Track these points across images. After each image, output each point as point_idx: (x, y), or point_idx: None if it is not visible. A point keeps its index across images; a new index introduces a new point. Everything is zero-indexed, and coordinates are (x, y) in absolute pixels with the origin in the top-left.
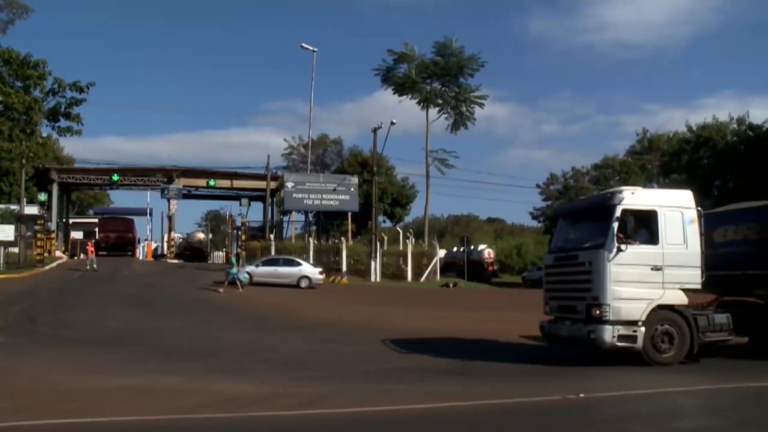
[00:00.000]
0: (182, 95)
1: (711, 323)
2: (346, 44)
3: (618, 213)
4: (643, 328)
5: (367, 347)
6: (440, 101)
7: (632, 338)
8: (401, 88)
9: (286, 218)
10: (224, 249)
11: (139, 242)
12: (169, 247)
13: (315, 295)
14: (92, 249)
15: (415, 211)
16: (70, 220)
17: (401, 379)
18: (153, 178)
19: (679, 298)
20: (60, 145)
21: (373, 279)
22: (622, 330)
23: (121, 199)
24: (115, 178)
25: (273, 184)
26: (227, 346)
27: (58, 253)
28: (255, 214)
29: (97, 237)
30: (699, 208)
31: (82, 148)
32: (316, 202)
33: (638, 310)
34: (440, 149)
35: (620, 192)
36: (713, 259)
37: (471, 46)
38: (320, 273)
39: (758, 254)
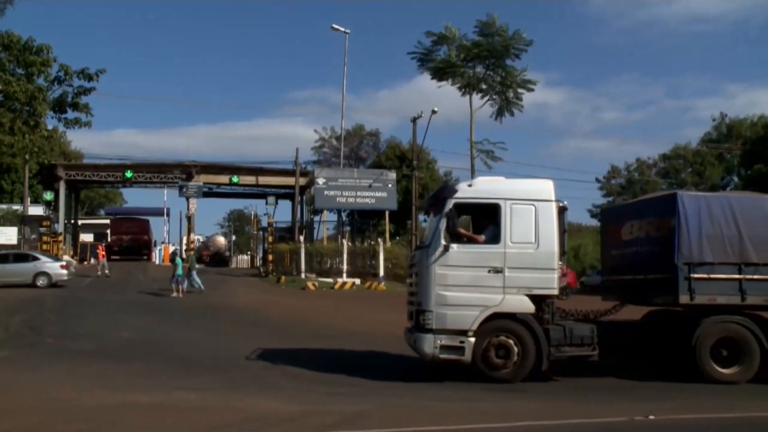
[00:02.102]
0: (202, 83)
1: (568, 335)
2: (381, 25)
3: (448, 208)
4: (472, 339)
5: (404, 360)
6: (484, 86)
7: (459, 350)
8: (441, 73)
9: (317, 218)
10: (249, 252)
11: (155, 245)
12: (188, 250)
13: (346, 301)
14: (103, 253)
15: None
16: (79, 222)
17: (444, 396)
18: (170, 174)
19: (523, 306)
20: (67, 138)
21: None
22: (446, 340)
23: (135, 197)
24: (129, 174)
25: (303, 181)
26: (250, 357)
27: (66, 258)
28: (283, 213)
29: (108, 240)
30: (561, 201)
31: (91, 142)
32: (350, 200)
33: (468, 319)
34: (485, 140)
35: (456, 184)
36: (620, 260)
37: (519, 25)
38: (63, 267)
39: (657, 254)
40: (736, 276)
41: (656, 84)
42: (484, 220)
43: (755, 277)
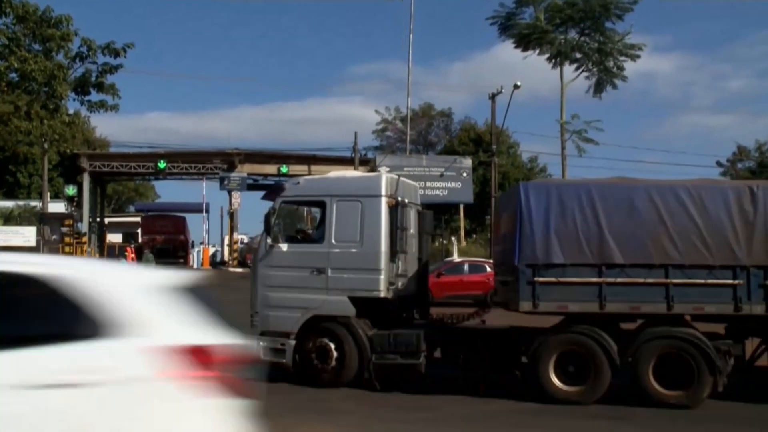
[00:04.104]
0: (246, 59)
1: (392, 342)
2: None
3: (277, 205)
4: (293, 342)
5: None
6: (578, 55)
7: (280, 352)
8: (526, 41)
9: None
10: None
11: (192, 246)
12: (231, 251)
13: None
14: (133, 256)
15: None
16: (106, 220)
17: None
18: (210, 164)
19: (344, 308)
20: (91, 124)
21: None
22: (268, 342)
23: (169, 191)
24: (162, 165)
25: (363, 170)
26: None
27: None
28: None
29: (139, 240)
30: (395, 197)
31: (119, 128)
32: (419, 191)
33: (290, 321)
34: (576, 115)
35: (287, 181)
36: (495, 258)
37: None
38: None
39: (508, 254)
40: (595, 279)
41: None
42: (311, 218)
43: (618, 280)
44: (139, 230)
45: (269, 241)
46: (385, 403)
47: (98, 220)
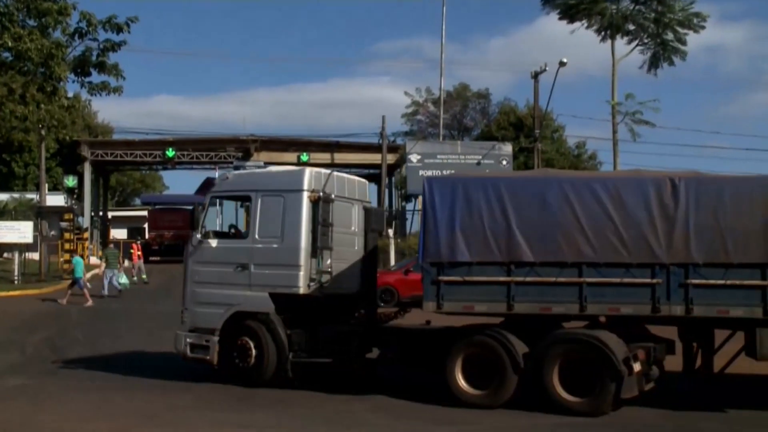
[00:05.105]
0: (262, 35)
1: (310, 340)
2: None
3: (208, 200)
4: (216, 338)
5: None
6: (632, 27)
7: (205, 349)
8: (573, 12)
9: (409, 205)
10: None
11: None
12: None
13: None
14: (139, 253)
15: None
16: (109, 214)
17: None
18: (223, 152)
19: (264, 305)
20: (92, 108)
21: None
22: (193, 338)
23: (179, 182)
24: (171, 153)
25: (391, 158)
26: (330, 384)
27: (93, 260)
28: None
29: (146, 236)
30: (318, 192)
31: (123, 113)
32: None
33: (216, 317)
34: (630, 95)
35: (217, 176)
36: None
37: None
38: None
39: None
40: (503, 278)
41: None
42: (242, 213)
43: (528, 279)
44: (146, 225)
45: (198, 236)
46: (415, 416)
47: (101, 214)
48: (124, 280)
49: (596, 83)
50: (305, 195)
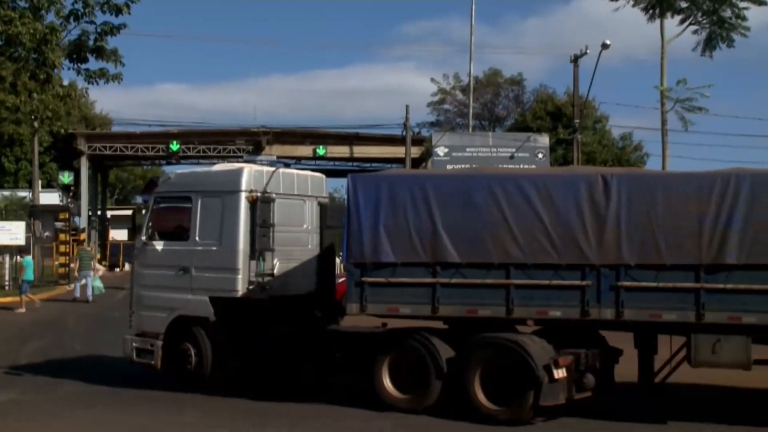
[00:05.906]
0: (275, 18)
1: (249, 345)
2: None
3: (151, 201)
4: (160, 343)
5: None
6: (683, 3)
7: (149, 353)
8: None
9: None
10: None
11: None
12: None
13: None
14: None
15: None
16: (108, 213)
17: None
18: (232, 146)
19: (204, 309)
20: (90, 98)
21: None
22: (138, 343)
23: None
24: (175, 146)
25: (416, 151)
26: (352, 397)
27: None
28: None
29: None
30: (257, 192)
31: (123, 103)
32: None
33: (160, 321)
34: (682, 81)
35: (161, 176)
36: None
37: None
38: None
39: None
40: (428, 280)
41: None
42: (187, 215)
43: (453, 281)
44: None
45: (143, 239)
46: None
47: (99, 213)
48: (98, 283)
49: (643, 68)
50: (242, 196)
